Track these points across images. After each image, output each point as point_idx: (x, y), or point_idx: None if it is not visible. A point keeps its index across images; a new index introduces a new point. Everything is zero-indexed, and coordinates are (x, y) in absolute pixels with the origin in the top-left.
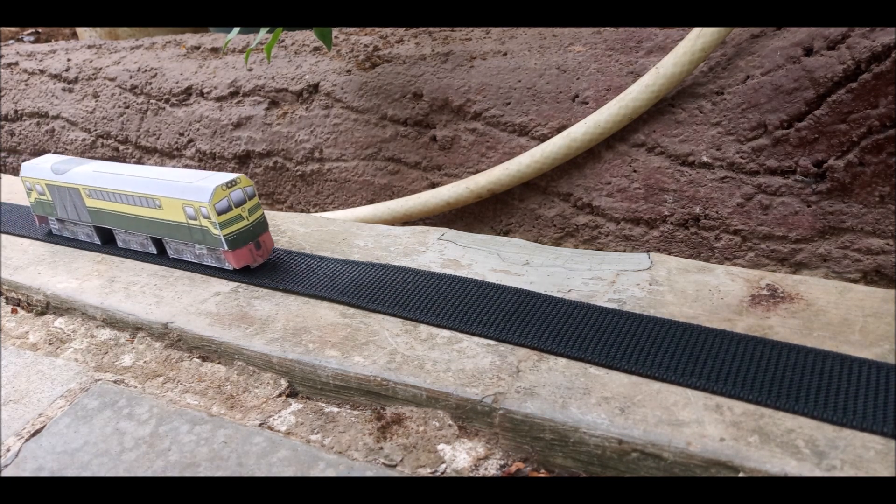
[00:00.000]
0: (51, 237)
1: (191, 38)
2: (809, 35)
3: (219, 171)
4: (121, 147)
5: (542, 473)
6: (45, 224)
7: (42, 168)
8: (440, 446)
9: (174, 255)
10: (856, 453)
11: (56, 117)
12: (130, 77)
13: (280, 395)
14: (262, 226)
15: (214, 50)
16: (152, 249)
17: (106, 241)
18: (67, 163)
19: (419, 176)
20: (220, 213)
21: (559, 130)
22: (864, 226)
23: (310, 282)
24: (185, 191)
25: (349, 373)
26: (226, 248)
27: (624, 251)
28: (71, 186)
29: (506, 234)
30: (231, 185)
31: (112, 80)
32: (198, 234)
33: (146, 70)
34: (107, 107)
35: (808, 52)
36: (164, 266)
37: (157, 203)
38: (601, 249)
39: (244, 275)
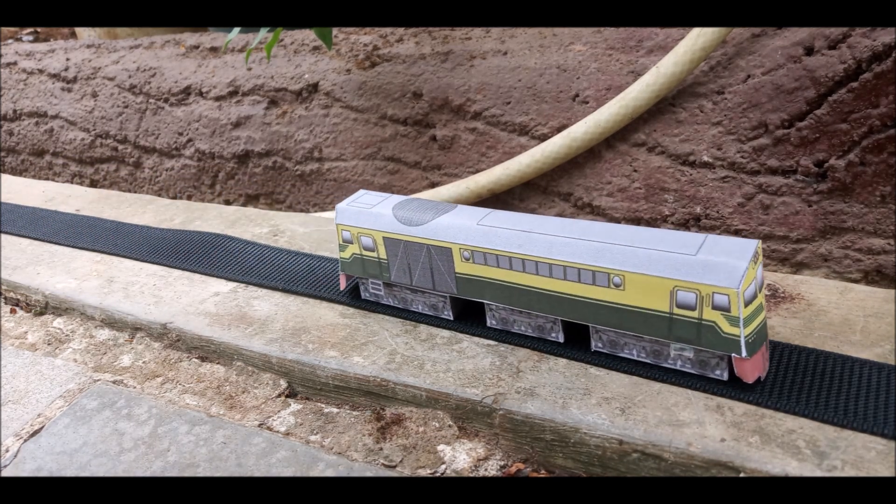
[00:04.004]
0: (357, 301)
1: (190, 38)
2: (810, 34)
3: (218, 170)
4: (119, 147)
5: (543, 474)
6: (349, 283)
7: (377, 214)
8: (440, 447)
9: (602, 349)
10: (857, 454)
11: (55, 117)
12: (129, 76)
13: (279, 396)
14: (764, 317)
15: (214, 49)
16: (558, 336)
17: (459, 317)
18: (414, 208)
19: (419, 176)
20: (747, 304)
21: (559, 130)
22: (865, 225)
23: (308, 282)
24: (688, 268)
25: (349, 373)
26: (744, 354)
27: None
28: (437, 244)
29: None
30: (756, 258)
31: (111, 79)
32: (687, 330)
33: (145, 69)
34: (106, 106)
35: (809, 51)
36: (162, 266)
37: (614, 280)
38: None
39: (246, 274)
